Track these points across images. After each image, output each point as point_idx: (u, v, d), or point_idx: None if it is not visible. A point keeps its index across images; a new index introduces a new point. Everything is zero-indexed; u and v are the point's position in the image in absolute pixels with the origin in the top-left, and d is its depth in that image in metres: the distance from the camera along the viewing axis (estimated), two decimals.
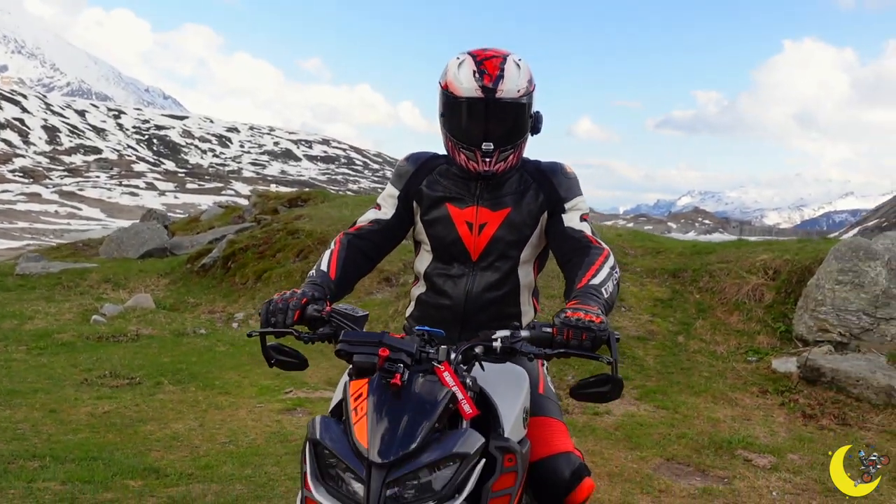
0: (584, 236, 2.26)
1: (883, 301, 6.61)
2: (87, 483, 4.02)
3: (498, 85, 2.19)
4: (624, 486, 4.32)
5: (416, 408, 1.68)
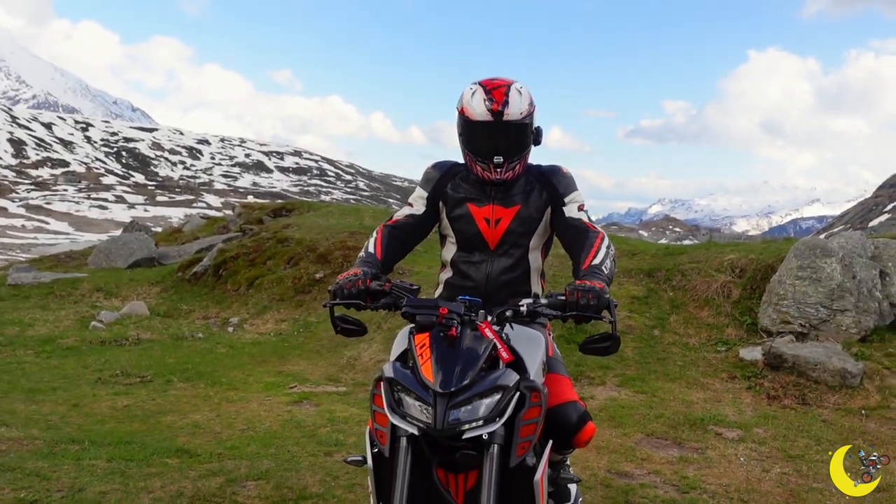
0: (582, 223, 2.80)
1: (838, 294, 7.24)
2: (130, 461, 4.45)
3: (504, 109, 2.71)
4: (610, 456, 4.86)
5: (467, 353, 2.19)
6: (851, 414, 5.87)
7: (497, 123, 2.72)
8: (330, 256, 11.80)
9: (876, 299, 7.33)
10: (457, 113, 2.84)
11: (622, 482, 4.38)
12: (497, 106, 2.70)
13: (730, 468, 4.70)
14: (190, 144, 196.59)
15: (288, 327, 10.20)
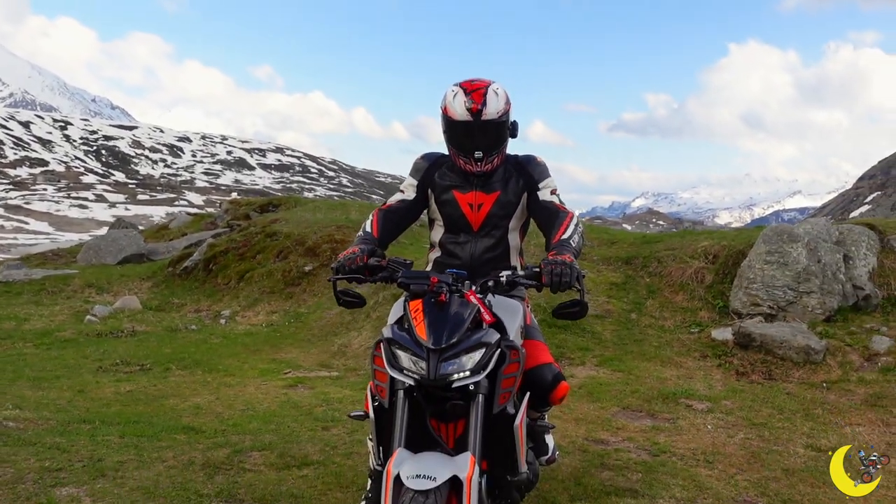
0: (553, 205, 3.15)
1: (804, 277, 7.65)
2: (141, 437, 4.76)
3: (483, 109, 3.05)
4: (588, 426, 5.23)
5: (455, 316, 2.54)
6: (814, 387, 6.28)
7: (476, 122, 3.05)
8: (318, 250, 12.11)
9: (840, 282, 7.74)
10: (440, 112, 3.17)
11: (598, 448, 4.75)
12: (476, 106, 3.04)
13: (698, 435, 5.09)
14: (171, 142, 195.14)
15: (279, 318, 10.51)
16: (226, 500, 3.65)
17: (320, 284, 11.28)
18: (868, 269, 7.89)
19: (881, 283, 7.81)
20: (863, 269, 7.87)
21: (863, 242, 8.10)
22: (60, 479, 3.80)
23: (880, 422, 5.38)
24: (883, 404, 5.76)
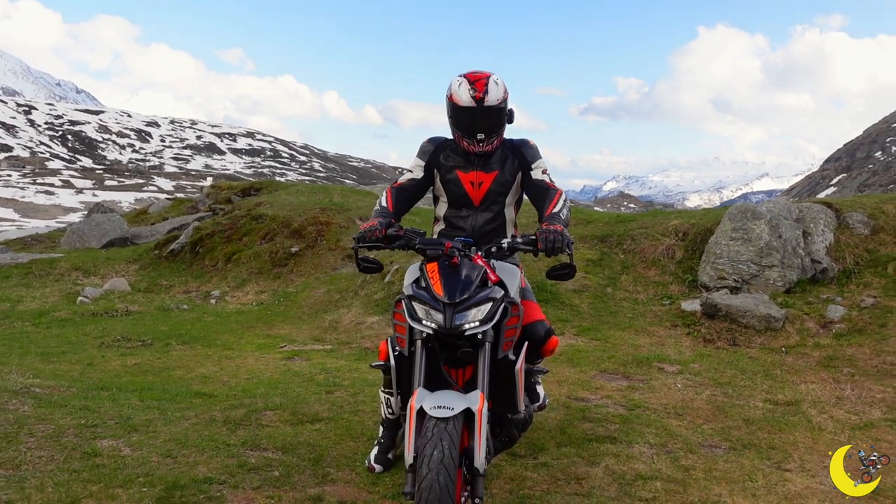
0: (545, 183, 3.60)
1: (766, 252, 8.22)
2: (160, 400, 5.15)
3: (485, 97, 3.48)
4: (570, 387, 5.72)
5: (465, 275, 2.99)
6: (773, 351, 6.85)
7: (479, 108, 3.49)
8: (304, 231, 12.47)
9: (799, 256, 8.32)
10: (446, 99, 3.60)
11: (580, 404, 5.24)
12: (479, 94, 3.47)
13: (668, 392, 5.61)
14: (138, 127, 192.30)
15: (268, 298, 10.88)
16: (250, 449, 4.08)
17: (307, 265, 11.67)
18: (825, 244, 8.48)
19: (837, 257, 8.41)
20: (821, 244, 8.46)
21: (821, 220, 8.68)
22: (98, 433, 4.19)
23: (831, 380, 5.95)
24: (835, 365, 6.34)
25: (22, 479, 3.47)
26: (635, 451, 4.29)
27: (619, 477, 3.87)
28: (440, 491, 2.51)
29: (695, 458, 4.22)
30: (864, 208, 8.99)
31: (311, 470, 3.80)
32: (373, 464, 3.82)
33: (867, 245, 8.47)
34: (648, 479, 3.85)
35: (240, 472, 3.70)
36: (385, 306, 8.97)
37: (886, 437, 4.67)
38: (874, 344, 6.70)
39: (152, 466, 3.72)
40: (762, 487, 3.81)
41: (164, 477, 3.56)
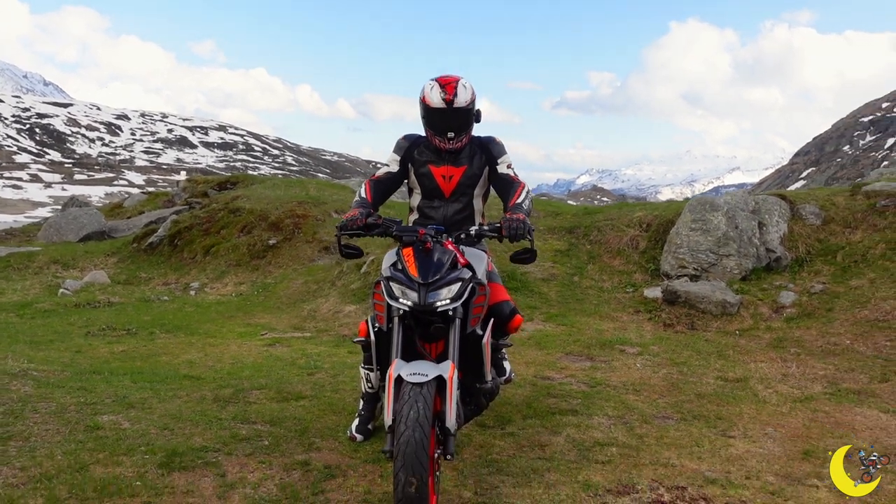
0: (509, 177, 3.98)
1: (723, 242, 8.68)
2: (151, 381, 5.46)
3: (454, 100, 3.85)
4: (537, 367, 6.12)
5: (438, 259, 3.35)
6: (728, 334, 7.31)
7: (449, 109, 3.85)
8: (281, 224, 12.74)
9: (755, 245, 8.80)
10: (419, 101, 3.95)
11: (545, 382, 5.64)
12: (449, 97, 3.83)
13: (628, 371, 6.03)
14: (108, 120, 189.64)
15: (247, 289, 11.15)
16: (241, 422, 4.41)
17: (285, 257, 11.95)
18: (779, 234, 8.97)
19: (790, 246, 8.90)
20: (775, 234, 8.94)
21: (775, 211, 9.17)
22: (97, 409, 4.50)
23: (779, 359, 6.41)
24: (783, 346, 6.81)
25: (32, 448, 3.78)
26: (594, 422, 4.69)
27: (578, 444, 4.27)
28: (416, 445, 2.87)
29: (648, 427, 4.63)
30: (817, 200, 9.50)
31: (297, 440, 4.15)
32: (354, 433, 4.18)
33: (818, 235, 8.97)
34: (605, 446, 4.25)
35: (232, 442, 4.04)
36: (361, 296, 9.30)
37: (824, 408, 5.13)
38: (821, 326, 7.19)
39: (151, 437, 4.04)
40: (707, 451, 4.23)
41: (163, 446, 3.89)
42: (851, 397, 5.36)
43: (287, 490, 3.47)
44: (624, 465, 3.97)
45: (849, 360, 6.31)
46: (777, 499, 3.61)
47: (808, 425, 4.75)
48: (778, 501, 3.58)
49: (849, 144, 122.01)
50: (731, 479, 3.82)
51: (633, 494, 3.59)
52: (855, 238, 8.68)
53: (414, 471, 2.84)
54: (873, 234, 8.57)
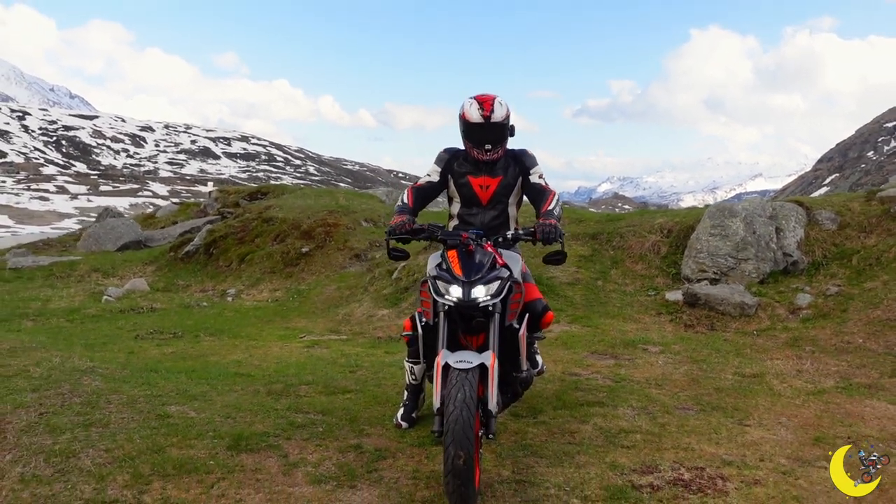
0: (541, 186, 4.37)
1: (742, 246, 9.01)
2: (206, 378, 5.89)
3: (491, 116, 4.25)
4: (564, 365, 6.49)
5: (479, 260, 3.75)
6: (746, 335, 7.64)
7: (487, 124, 4.26)
8: (313, 233, 13.23)
9: (772, 250, 9.11)
10: (459, 117, 4.36)
11: (573, 378, 6.01)
12: (486, 113, 4.24)
13: (651, 368, 6.39)
14: (133, 132, 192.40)
15: (282, 295, 11.62)
16: (295, 412, 4.84)
17: (317, 264, 12.42)
18: (796, 239, 9.27)
19: (807, 250, 9.19)
20: (792, 239, 9.24)
21: (792, 217, 9.48)
22: (165, 401, 4.94)
23: (794, 356, 6.74)
24: (799, 345, 7.13)
25: (112, 434, 4.22)
26: (620, 412, 5.06)
27: (605, 431, 4.64)
28: (464, 423, 3.26)
29: (670, 417, 4.99)
30: (832, 206, 9.79)
31: (348, 427, 4.56)
32: (400, 421, 4.58)
33: (834, 240, 9.26)
34: (630, 433, 4.62)
35: (290, 429, 4.46)
36: (394, 300, 9.73)
37: (835, 400, 5.45)
38: (835, 326, 7.49)
39: (217, 424, 4.47)
40: (725, 438, 4.58)
41: (228, 432, 4.32)
42: (862, 391, 5.68)
43: (344, 468, 3.88)
44: (647, 449, 4.33)
45: (861, 357, 6.62)
46: (788, 478, 3.96)
47: (819, 415, 5.08)
48: (789, 480, 3.93)
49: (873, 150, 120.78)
50: (747, 461, 4.18)
51: (655, 474, 3.95)
52: (870, 242, 8.96)
53: (462, 446, 3.23)
54: (888, 238, 8.85)
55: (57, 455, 3.87)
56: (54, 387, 5.06)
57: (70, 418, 4.43)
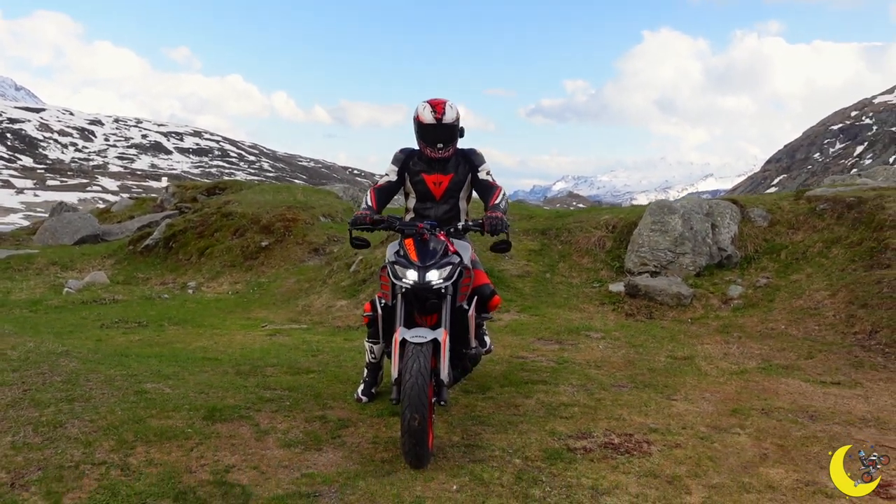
0: (488, 182, 4.85)
1: (679, 241, 9.63)
2: (174, 362, 6.24)
3: (442, 117, 4.71)
4: (512, 349, 6.99)
5: (433, 247, 4.21)
6: (681, 322, 8.25)
7: (438, 125, 4.71)
8: (272, 227, 13.53)
9: (708, 245, 9.75)
10: (413, 120, 4.81)
11: (519, 360, 6.51)
12: (438, 115, 4.70)
13: (592, 352, 6.93)
14: (81, 125, 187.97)
15: (243, 287, 11.93)
16: (263, 389, 5.24)
17: (277, 258, 12.74)
18: (730, 235, 9.94)
19: (740, 245, 9.87)
20: (726, 235, 9.91)
21: (727, 214, 10.15)
22: (140, 379, 5.29)
23: (723, 342, 7.35)
24: (728, 331, 7.75)
25: (95, 407, 4.57)
26: (561, 389, 5.57)
27: (546, 405, 5.14)
28: (419, 389, 3.72)
29: (606, 393, 5.52)
30: (764, 204, 10.50)
31: (313, 401, 4.98)
32: (360, 396, 5.02)
33: (765, 235, 9.95)
34: (569, 406, 5.13)
35: (259, 402, 4.86)
36: (352, 292, 10.13)
37: (755, 378, 6.05)
38: (762, 315, 8.15)
39: (191, 399, 4.85)
40: (653, 410, 5.12)
41: (203, 405, 4.71)
42: (780, 371, 6.30)
43: (311, 435, 4.31)
44: (584, 419, 4.85)
45: (782, 341, 7.26)
46: (705, 442, 4.50)
47: (739, 392, 5.66)
48: (706, 444, 4.47)
49: (819, 152, 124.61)
50: (671, 428, 4.72)
51: (589, 439, 4.46)
52: (797, 238, 9.68)
53: (417, 409, 3.69)
54: (813, 234, 9.57)
55: (44, 425, 4.21)
56: (34, 367, 5.37)
57: (53, 394, 4.76)
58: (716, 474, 3.98)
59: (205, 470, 3.75)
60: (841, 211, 9.72)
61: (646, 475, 3.91)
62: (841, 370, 6.29)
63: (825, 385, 5.85)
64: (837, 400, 5.43)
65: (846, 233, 9.28)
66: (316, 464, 3.91)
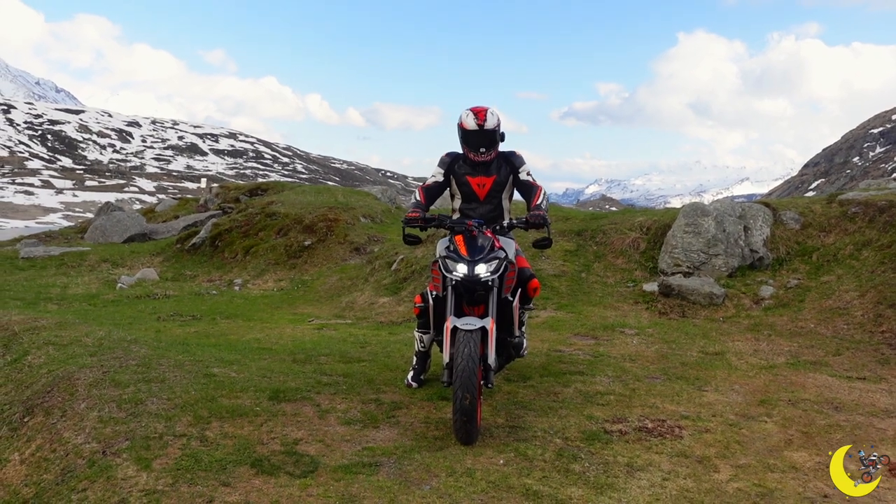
0: (529, 182, 5.20)
1: (712, 243, 9.89)
2: (233, 351, 6.68)
3: (484, 124, 5.07)
4: (550, 343, 7.33)
5: (481, 243, 4.59)
6: (713, 321, 8.51)
7: (481, 131, 5.07)
8: (315, 227, 14.02)
9: (740, 246, 9.99)
10: (457, 126, 5.17)
11: (557, 354, 6.85)
12: (480, 121, 5.06)
13: (626, 347, 7.24)
14: (119, 127, 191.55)
15: (287, 285, 12.41)
16: (320, 374, 5.65)
17: (319, 257, 13.21)
18: (763, 237, 10.16)
19: (772, 247, 10.09)
20: (759, 237, 10.13)
21: (759, 216, 10.37)
22: (207, 364, 5.73)
23: (753, 339, 7.61)
24: (758, 329, 8.01)
25: (170, 387, 5.01)
26: (597, 379, 5.90)
27: (584, 393, 5.48)
28: (469, 371, 4.09)
29: (640, 384, 5.84)
30: (797, 208, 10.70)
31: (367, 386, 5.38)
32: (410, 382, 5.41)
33: (797, 238, 10.16)
34: (605, 394, 5.46)
35: (318, 386, 5.27)
36: (393, 290, 10.54)
37: (783, 373, 6.32)
38: (792, 314, 8.38)
39: (256, 382, 5.28)
40: (685, 399, 5.44)
41: (268, 387, 5.13)
42: (808, 366, 6.56)
43: (368, 415, 4.70)
44: (619, 406, 5.18)
45: (811, 339, 7.51)
46: (734, 428, 4.81)
47: (767, 384, 5.94)
48: (734, 430, 4.78)
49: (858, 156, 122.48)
50: (701, 416, 5.03)
51: (624, 423, 4.80)
52: (828, 240, 9.87)
53: (468, 389, 4.06)
54: (844, 237, 9.76)
55: (126, 402, 4.66)
56: (109, 352, 5.85)
57: (130, 376, 5.21)
58: (743, 456, 4.30)
59: (275, 442, 4.16)
60: (872, 214, 9.89)
61: (677, 455, 4.24)
62: (867, 366, 6.53)
63: (851, 380, 6.11)
64: (862, 393, 5.69)
65: (877, 236, 9.46)
66: (374, 439, 4.31)
